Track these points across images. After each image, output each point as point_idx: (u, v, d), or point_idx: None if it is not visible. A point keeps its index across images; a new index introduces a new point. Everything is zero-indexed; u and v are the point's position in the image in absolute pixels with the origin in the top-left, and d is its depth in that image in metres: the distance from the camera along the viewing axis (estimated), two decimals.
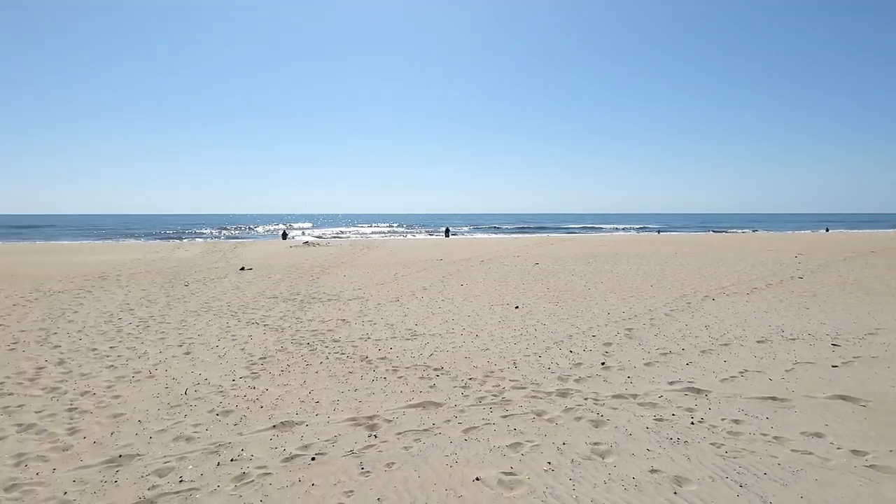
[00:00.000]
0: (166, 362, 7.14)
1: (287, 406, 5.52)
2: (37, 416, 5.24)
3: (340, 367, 6.89)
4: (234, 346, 8.03)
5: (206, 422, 5.12)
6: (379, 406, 5.49)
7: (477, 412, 5.28)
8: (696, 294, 12.44)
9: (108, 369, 6.82)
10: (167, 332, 8.89)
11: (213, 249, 30.38)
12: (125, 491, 3.85)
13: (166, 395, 5.86)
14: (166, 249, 30.57)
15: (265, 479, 4.00)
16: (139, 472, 4.13)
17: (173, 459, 4.32)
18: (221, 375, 6.56)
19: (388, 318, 10.02)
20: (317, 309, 11.03)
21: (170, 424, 5.06)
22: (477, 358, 7.22)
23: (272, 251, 29.04)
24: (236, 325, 9.53)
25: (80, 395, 5.84)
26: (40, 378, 6.47)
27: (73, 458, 4.35)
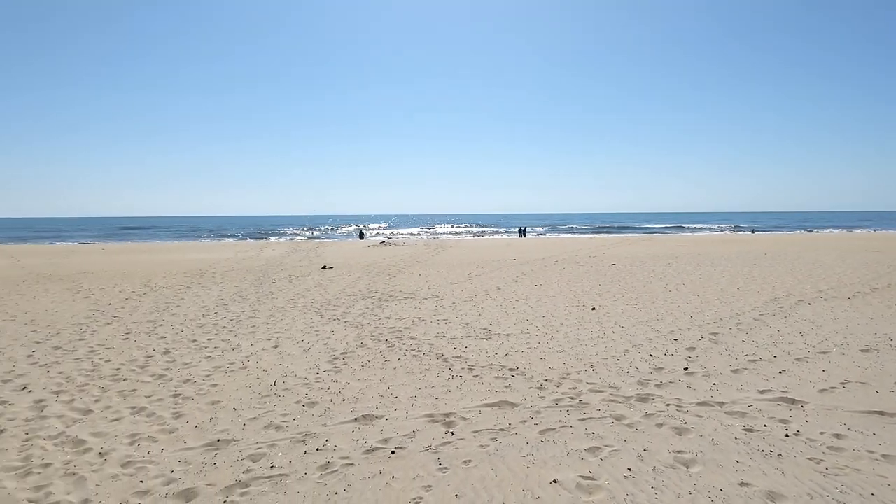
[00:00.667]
0: (257, 355, 7.56)
1: (367, 400, 5.69)
2: (147, 401, 5.72)
3: (417, 364, 7.02)
4: (317, 340, 8.37)
5: (294, 412, 5.38)
6: (455, 404, 5.54)
7: (553, 414, 5.20)
8: (789, 298, 11.60)
9: (207, 359, 7.32)
10: (257, 327, 9.41)
11: (297, 249, 31.81)
12: (223, 473, 4.12)
13: (258, 386, 6.21)
14: (255, 249, 32.36)
15: (348, 470, 4.15)
16: (235, 456, 4.41)
17: (265, 446, 4.58)
18: (307, 368, 6.86)
19: (462, 317, 10.08)
20: (394, 307, 11.28)
21: (261, 413, 5.35)
22: (552, 359, 7.11)
23: (351, 251, 30.01)
24: (319, 320, 9.93)
25: (183, 383, 6.31)
26: (149, 366, 7.04)
27: (178, 440, 4.71)
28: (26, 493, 3.82)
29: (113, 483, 3.96)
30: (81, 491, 3.85)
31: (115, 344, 8.20)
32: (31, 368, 6.90)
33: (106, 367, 6.93)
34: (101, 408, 5.51)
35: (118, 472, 4.14)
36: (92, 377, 6.54)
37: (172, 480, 4.00)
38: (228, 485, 3.93)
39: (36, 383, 6.30)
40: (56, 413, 5.37)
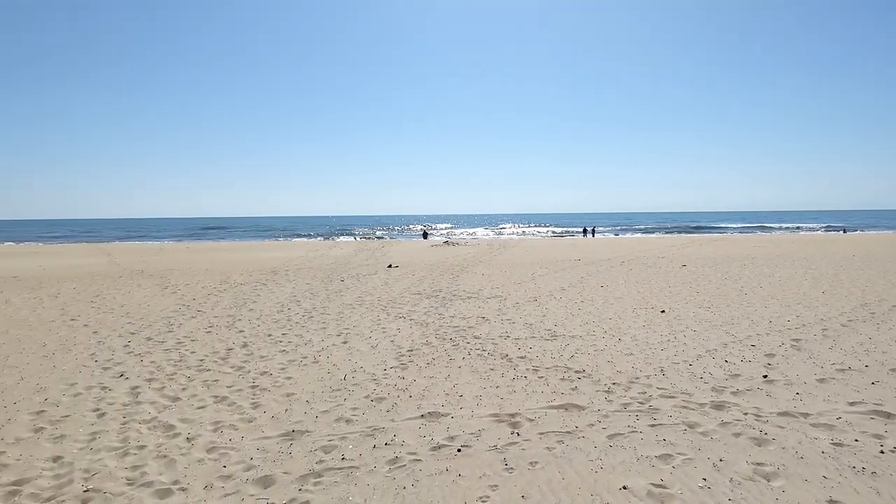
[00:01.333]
0: (327, 350, 7.81)
1: (433, 397, 5.75)
2: (228, 390, 6.04)
3: (482, 363, 7.01)
4: (384, 337, 8.54)
5: (363, 406, 5.51)
6: (520, 404, 5.50)
7: (622, 418, 5.06)
8: (883, 303, 10.71)
9: (281, 353, 7.64)
10: (328, 323, 9.72)
11: (364, 248, 32.60)
12: (298, 462, 4.29)
13: (329, 380, 6.41)
14: (325, 248, 33.45)
15: (416, 465, 4.21)
16: (309, 446, 4.57)
17: (336, 438, 4.72)
18: (374, 364, 7.02)
19: (526, 317, 9.98)
20: (458, 306, 11.33)
21: (332, 406, 5.53)
22: (620, 362, 6.91)
23: (415, 250, 30.41)
24: (386, 318, 10.13)
25: (260, 375, 6.62)
26: (230, 358, 7.43)
27: (257, 430, 4.95)
28: (125, 472, 4.13)
29: (199, 466, 4.22)
30: (172, 472, 4.12)
31: (199, 336, 8.71)
32: (128, 357, 7.45)
33: (191, 358, 7.38)
34: (188, 396, 5.87)
35: (204, 456, 4.39)
36: (179, 367, 6.98)
37: (252, 467, 4.20)
38: (303, 474, 4.09)
39: (131, 371, 6.79)
40: (149, 399, 5.77)
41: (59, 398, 5.80)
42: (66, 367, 6.95)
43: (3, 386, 6.21)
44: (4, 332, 9.09)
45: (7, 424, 5.08)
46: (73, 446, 4.59)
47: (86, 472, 4.12)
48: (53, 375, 6.61)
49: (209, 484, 3.95)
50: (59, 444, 4.63)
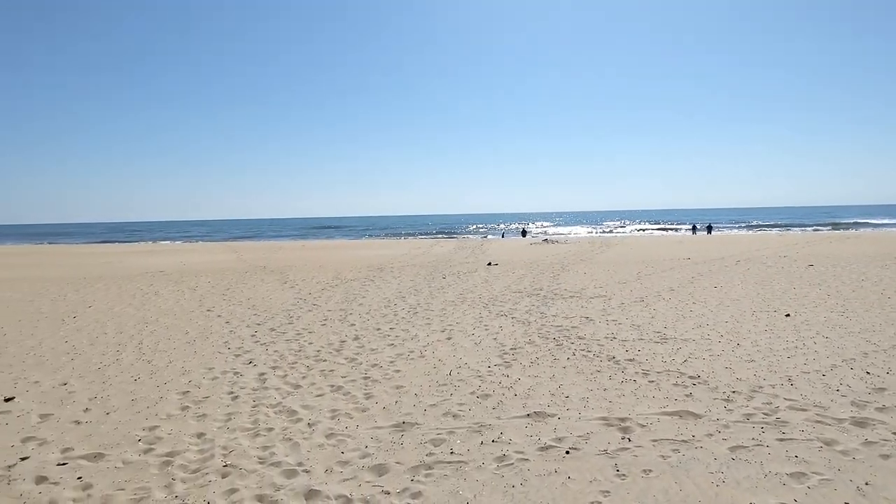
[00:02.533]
0: (433, 345, 7.96)
1: (538, 397, 5.66)
2: (343, 381, 6.35)
3: (587, 364, 6.80)
4: (487, 335, 8.55)
5: (469, 402, 5.55)
6: (630, 409, 5.25)
7: (745, 430, 4.66)
8: None
9: (390, 347, 7.90)
10: (432, 319, 9.92)
11: (464, 246, 32.94)
12: (409, 453, 4.41)
13: (435, 374, 6.53)
14: (426, 246, 34.22)
15: (523, 465, 4.16)
16: (418, 438, 4.68)
17: (444, 432, 4.79)
18: (478, 361, 7.05)
19: (633, 318, 9.54)
20: (560, 305, 11.08)
21: (439, 400, 5.62)
22: (740, 369, 6.39)
23: (514, 248, 30.22)
24: (488, 315, 10.14)
25: (371, 367, 6.89)
26: (343, 349, 7.82)
27: (370, 419, 5.15)
28: (256, 452, 4.48)
29: (320, 451, 4.47)
30: (296, 455, 4.40)
31: (316, 328, 9.25)
32: (255, 346, 8.09)
33: (310, 349, 7.86)
34: (308, 384, 6.26)
35: (324, 441, 4.65)
36: (299, 356, 7.46)
37: (367, 455, 4.38)
38: (414, 465, 4.19)
39: (259, 359, 7.37)
40: (274, 385, 6.22)
41: (200, 381, 6.42)
42: (204, 353, 7.68)
43: (155, 367, 7.00)
44: (155, 320, 10.25)
45: (160, 402, 5.71)
46: (212, 425, 5.06)
47: (224, 448, 4.52)
48: (195, 360, 7.34)
49: (329, 468, 4.17)
50: (202, 422, 5.12)
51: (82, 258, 28.55)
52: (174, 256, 28.57)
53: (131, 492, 3.85)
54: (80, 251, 37.40)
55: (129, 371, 6.87)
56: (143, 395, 5.92)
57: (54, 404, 5.69)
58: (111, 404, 5.67)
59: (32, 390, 6.16)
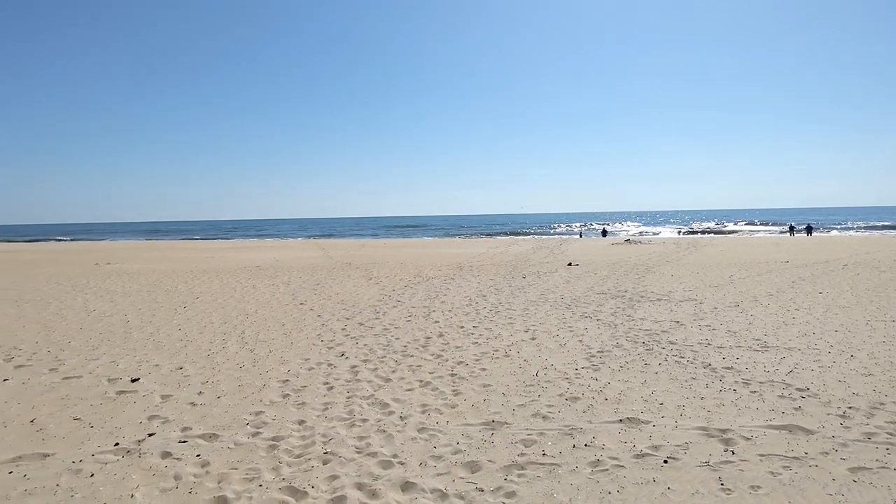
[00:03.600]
0: (517, 345, 7.89)
1: (630, 402, 5.45)
2: (430, 376, 6.44)
3: (681, 371, 6.47)
4: (572, 336, 8.36)
5: (557, 404, 5.45)
6: (732, 420, 4.93)
7: (866, 450, 4.24)
8: None
9: (474, 345, 7.92)
10: (514, 319, 9.84)
11: (542, 246, 32.45)
12: (500, 452, 4.39)
13: (521, 374, 6.47)
14: (503, 245, 34.05)
15: (619, 471, 4.02)
16: (509, 438, 4.65)
17: (534, 433, 4.73)
18: (565, 363, 6.90)
19: (728, 324, 8.97)
20: (647, 308, 10.63)
21: (527, 401, 5.56)
22: (856, 383, 5.83)
23: (595, 248, 29.38)
24: (571, 317, 9.92)
25: (457, 364, 6.94)
26: (429, 346, 7.93)
27: (459, 416, 5.18)
28: (353, 441, 4.63)
29: (413, 444, 4.55)
30: (391, 447, 4.51)
31: (401, 324, 9.45)
32: (346, 339, 8.39)
33: (397, 344, 8.04)
34: (397, 378, 6.40)
35: (416, 435, 4.74)
36: (388, 351, 7.65)
37: (459, 451, 4.41)
38: (506, 464, 4.17)
39: (350, 352, 7.63)
40: (366, 378, 6.41)
41: (297, 370, 6.75)
42: (300, 345, 8.07)
43: (257, 356, 7.44)
44: (255, 312, 10.90)
45: (263, 389, 6.06)
46: (311, 413, 5.30)
47: (324, 436, 4.72)
48: (292, 350, 7.72)
49: (423, 462, 4.23)
50: (302, 410, 5.38)
51: (187, 253, 30.93)
52: (268, 253, 30.28)
53: (244, 471, 4.10)
54: (185, 247, 40.57)
55: (235, 359, 7.34)
56: (248, 382, 6.31)
57: (173, 386, 6.19)
58: (221, 389, 6.09)
59: (154, 373, 6.74)
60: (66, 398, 5.85)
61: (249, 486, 3.87)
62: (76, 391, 6.07)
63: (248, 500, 3.69)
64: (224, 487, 3.86)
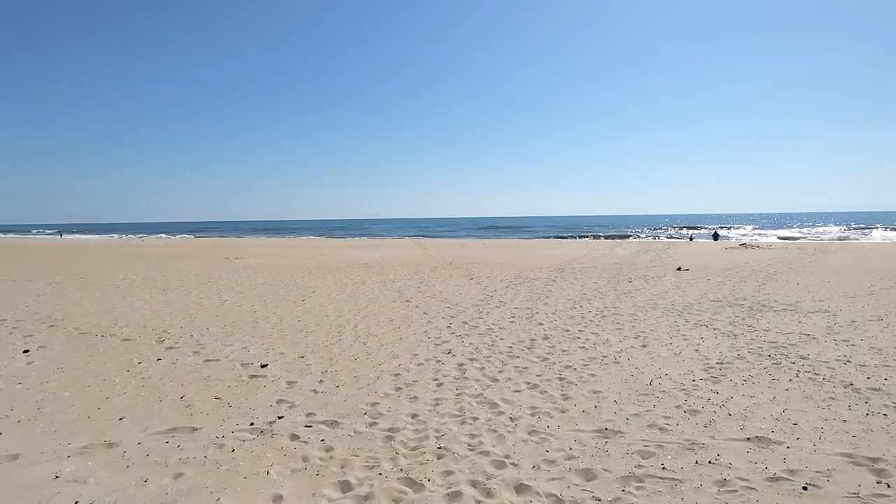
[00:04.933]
0: (626, 352, 7.55)
1: (758, 420, 5.01)
2: (538, 379, 6.34)
3: (816, 389, 5.83)
4: (686, 345, 7.86)
5: (675, 416, 5.13)
6: (884, 448, 4.36)
7: None
8: None
9: (581, 350, 7.69)
10: (622, 324, 9.43)
11: (647, 249, 30.86)
12: (615, 462, 4.21)
13: (633, 382, 6.18)
14: (607, 247, 32.82)
15: (750, 494, 3.70)
16: (624, 448, 4.46)
17: (652, 445, 4.49)
18: (681, 373, 6.50)
19: (871, 340, 7.95)
20: (770, 318, 9.72)
21: (642, 411, 5.29)
22: None
23: (706, 252, 27.43)
24: (684, 324, 9.32)
25: (565, 368, 6.78)
26: (534, 348, 7.82)
27: (570, 421, 5.05)
28: (465, 438, 4.68)
29: (524, 446, 4.50)
30: (502, 447, 4.50)
31: (505, 325, 9.41)
32: (451, 337, 8.51)
33: (502, 344, 8.02)
34: (504, 378, 6.38)
35: (527, 437, 4.68)
36: (493, 351, 7.65)
37: (572, 457, 4.30)
38: (623, 475, 3.99)
39: (456, 350, 7.73)
40: (473, 377, 6.46)
41: (408, 365, 6.96)
42: (408, 340, 8.31)
43: (370, 350, 7.77)
44: (365, 307, 11.40)
45: (377, 381, 6.31)
46: (423, 408, 5.43)
47: (437, 431, 4.81)
48: (401, 346, 7.97)
49: (536, 464, 4.17)
50: (414, 404, 5.53)
51: (301, 250, 33.08)
52: (373, 251, 31.59)
53: (364, 459, 4.29)
54: (299, 244, 43.41)
55: (350, 351, 7.72)
56: (363, 374, 6.60)
57: (297, 374, 6.64)
58: (339, 378, 6.42)
59: (279, 360, 7.27)
60: (208, 378, 6.47)
61: (370, 474, 4.04)
62: (215, 373, 6.70)
63: (370, 487, 3.85)
64: (347, 473, 4.06)
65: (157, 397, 5.81)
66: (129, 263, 23.05)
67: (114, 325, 9.58)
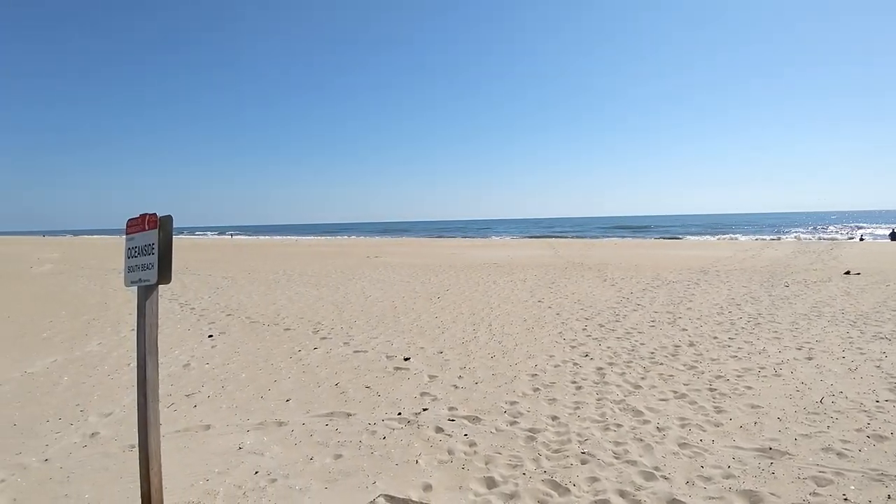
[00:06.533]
0: (789, 364, 6.73)
1: None
2: (685, 388, 5.89)
3: None
4: (864, 360, 6.79)
5: (856, 441, 4.45)
6: None
7: None
8: None
9: (733, 359, 7.00)
10: (780, 333, 8.42)
11: (805, 250, 27.29)
12: (784, 486, 3.76)
13: (799, 399, 5.48)
14: (755, 248, 29.60)
15: None
16: (794, 472, 3.96)
17: (829, 472, 3.94)
18: (859, 392, 5.62)
19: None
20: None
21: (813, 431, 4.67)
22: None
23: (881, 254, 23.53)
24: (859, 336, 8.06)
25: (715, 378, 6.21)
26: (678, 355, 7.28)
27: (726, 436, 4.61)
28: (610, 445, 4.49)
29: (675, 459, 4.20)
30: (650, 457, 4.24)
31: (644, 329, 8.89)
32: (587, 340, 8.24)
33: (642, 350, 7.58)
34: (648, 385, 6.01)
35: (677, 450, 4.37)
36: (633, 356, 7.26)
37: (731, 476, 3.92)
38: (795, 502, 3.55)
39: (593, 353, 7.46)
40: (614, 381, 6.18)
41: (544, 366, 6.86)
42: (543, 341, 8.20)
43: (505, 348, 7.80)
44: (498, 306, 11.48)
45: (515, 380, 6.31)
46: (563, 410, 5.31)
47: (579, 436, 4.68)
48: (536, 346, 7.89)
49: (690, 480, 3.87)
50: (553, 406, 5.43)
51: (433, 249, 34.26)
52: (501, 250, 31.73)
53: (507, 457, 4.31)
54: (430, 243, 45.03)
55: (485, 348, 7.82)
56: (500, 372, 6.64)
57: (437, 368, 6.88)
58: (477, 375, 6.53)
59: (420, 354, 7.58)
60: (358, 368, 6.95)
61: (514, 473, 4.04)
62: (364, 363, 7.18)
63: (514, 486, 3.85)
64: (491, 469, 4.11)
65: (315, 383, 6.37)
66: (287, 261, 25.61)
67: (277, 315, 10.70)
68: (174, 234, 3.33)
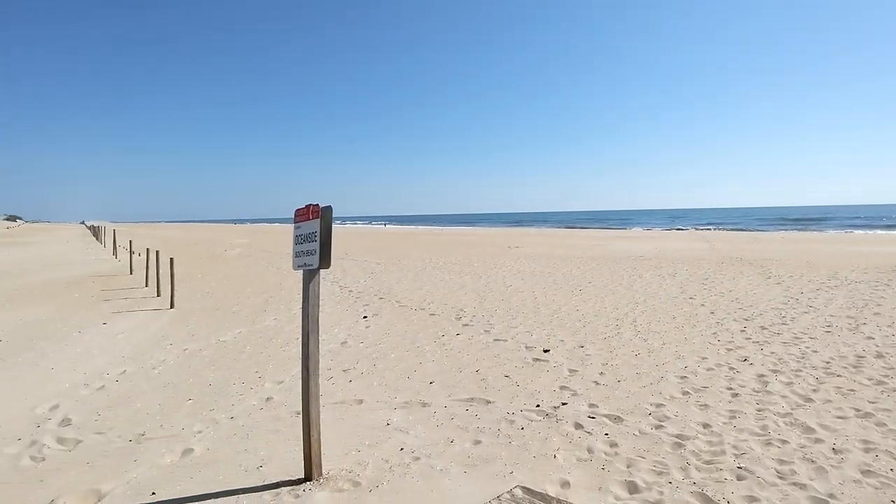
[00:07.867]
0: None
1: None
2: (871, 407, 5.01)
3: None
4: None
5: None
6: None
7: None
8: None
9: None
10: None
11: None
12: None
13: None
14: None
15: None
16: None
17: None
18: None
19: None
20: None
21: None
22: None
23: None
24: None
25: None
26: (862, 367, 6.22)
27: None
28: (772, 463, 4.00)
29: (857, 488, 3.62)
30: (824, 483, 3.70)
31: (818, 335, 7.72)
32: (746, 343, 7.40)
33: (815, 358, 6.60)
34: (821, 399, 5.23)
35: (859, 477, 3.75)
36: (803, 364, 6.36)
37: None
38: None
39: (754, 358, 6.69)
40: (778, 391, 5.48)
41: (695, 368, 6.32)
42: (694, 341, 7.55)
43: (651, 347, 7.32)
44: (643, 301, 10.80)
45: (661, 381, 5.91)
46: (717, 418, 4.85)
47: (734, 448, 4.24)
48: (686, 346, 7.29)
49: None
50: (705, 413, 4.99)
51: (576, 241, 33.23)
52: (649, 243, 29.71)
53: (651, 462, 4.07)
54: (572, 234, 43.76)
55: (629, 345, 7.42)
56: (645, 371, 6.27)
57: (577, 362, 6.70)
58: (620, 373, 6.24)
59: (560, 347, 7.45)
60: (498, 357, 7.05)
61: (659, 480, 3.80)
62: (503, 352, 7.25)
63: (659, 494, 3.62)
64: (634, 474, 3.91)
65: (457, 368, 6.60)
66: (433, 249, 26.79)
67: (423, 300, 11.26)
68: (333, 223, 3.66)
